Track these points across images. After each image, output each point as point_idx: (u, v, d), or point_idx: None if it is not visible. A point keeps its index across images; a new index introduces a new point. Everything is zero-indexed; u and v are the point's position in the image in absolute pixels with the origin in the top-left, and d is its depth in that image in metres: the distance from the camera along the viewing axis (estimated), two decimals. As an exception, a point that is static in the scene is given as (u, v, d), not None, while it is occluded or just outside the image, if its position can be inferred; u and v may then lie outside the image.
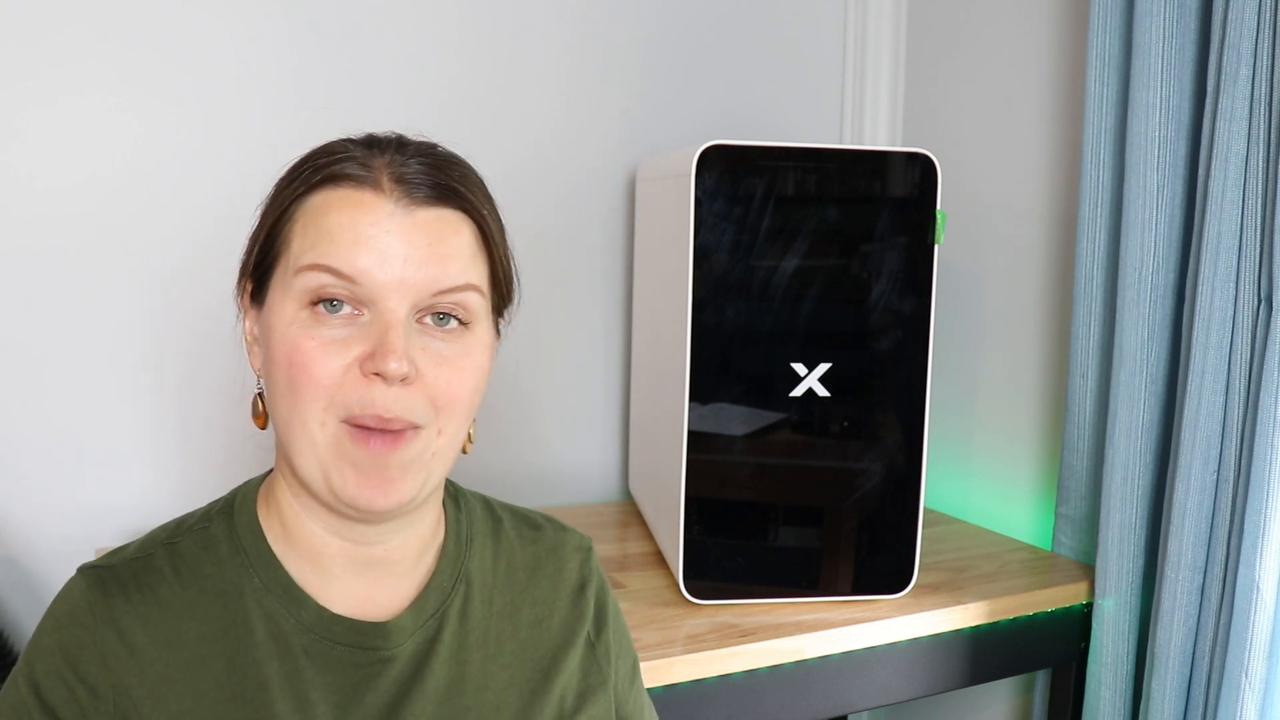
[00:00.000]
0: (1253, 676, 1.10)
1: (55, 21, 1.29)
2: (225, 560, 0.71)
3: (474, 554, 0.79)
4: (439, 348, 0.68)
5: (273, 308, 0.68)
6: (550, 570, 0.82)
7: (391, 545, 0.73)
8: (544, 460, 1.67)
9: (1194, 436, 1.17)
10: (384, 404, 0.65)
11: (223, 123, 1.38)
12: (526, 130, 1.59)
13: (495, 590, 0.79)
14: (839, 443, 1.25)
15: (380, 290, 0.65)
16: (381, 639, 0.71)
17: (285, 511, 0.73)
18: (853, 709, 1.26)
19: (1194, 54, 1.22)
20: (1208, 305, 1.15)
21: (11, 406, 1.32)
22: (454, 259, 0.68)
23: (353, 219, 0.66)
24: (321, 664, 0.70)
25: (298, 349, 0.65)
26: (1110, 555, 1.30)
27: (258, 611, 0.70)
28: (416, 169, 0.68)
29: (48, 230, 1.32)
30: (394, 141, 0.71)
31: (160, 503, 1.37)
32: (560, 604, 0.82)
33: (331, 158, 0.68)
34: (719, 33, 1.71)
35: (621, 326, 1.70)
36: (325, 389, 0.65)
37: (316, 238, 0.66)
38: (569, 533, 0.86)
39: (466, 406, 0.70)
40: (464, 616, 0.76)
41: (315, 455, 0.67)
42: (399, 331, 0.65)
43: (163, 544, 0.72)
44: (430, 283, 0.67)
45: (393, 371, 0.64)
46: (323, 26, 1.44)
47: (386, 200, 0.67)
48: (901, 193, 1.22)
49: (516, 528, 0.84)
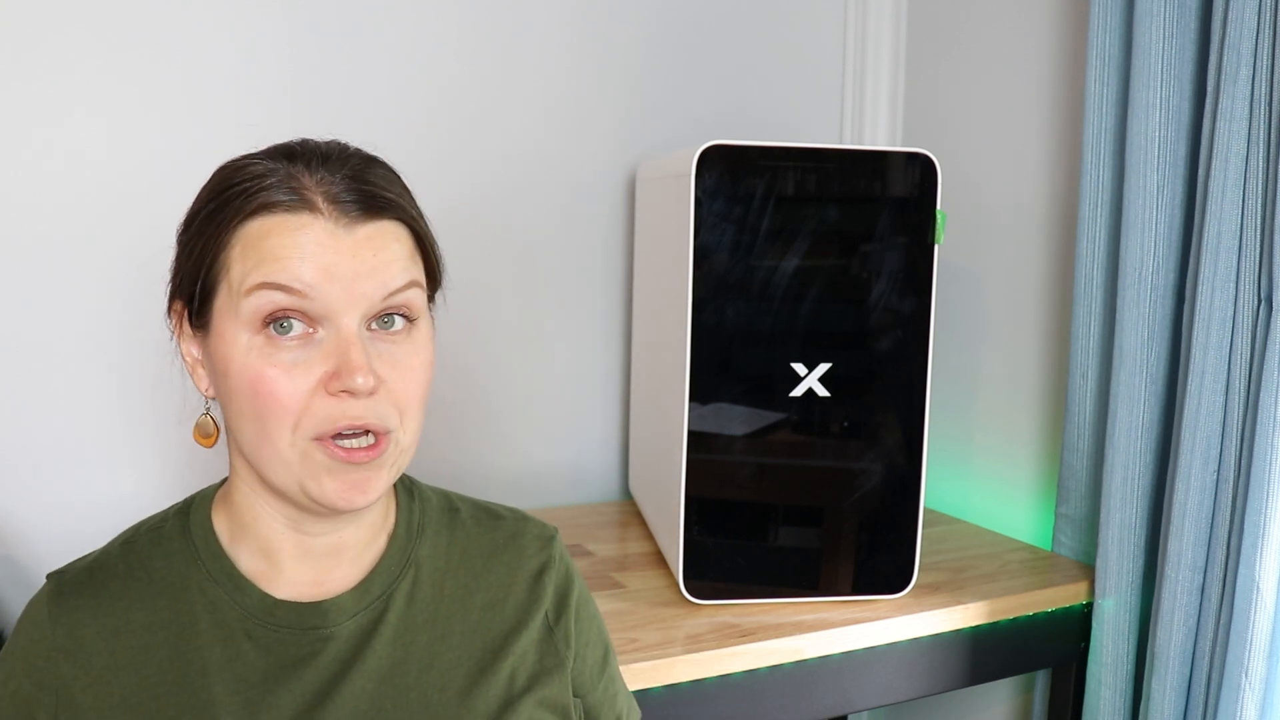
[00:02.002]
0: (1253, 676, 1.10)
1: (53, 22, 1.29)
2: (175, 554, 0.75)
3: (425, 541, 0.81)
4: (392, 352, 0.70)
5: (223, 335, 0.69)
6: (508, 556, 0.84)
7: (344, 535, 0.76)
8: (544, 460, 1.67)
9: (1194, 436, 1.17)
10: (355, 415, 0.68)
11: (214, 125, 1.38)
12: (526, 130, 1.59)
13: (447, 574, 0.81)
14: (839, 443, 1.25)
15: (332, 306, 0.68)
16: (319, 618, 0.74)
17: (243, 512, 0.76)
18: (853, 709, 1.26)
19: (1194, 54, 1.22)
20: (1208, 305, 1.15)
21: (11, 406, 1.32)
22: (396, 263, 0.70)
23: (296, 240, 0.67)
24: (263, 646, 0.73)
25: (261, 377, 0.67)
26: (1110, 555, 1.30)
27: (202, 601, 0.74)
28: (345, 185, 0.70)
29: (39, 227, 1.32)
30: (314, 154, 0.72)
31: (161, 501, 1.37)
32: (516, 587, 0.83)
33: (258, 182, 0.69)
34: (719, 33, 1.71)
35: (621, 327, 1.70)
36: (293, 412, 0.67)
37: (259, 260, 0.67)
38: (531, 522, 0.88)
39: (421, 404, 0.73)
40: (411, 599, 0.79)
41: (289, 471, 0.69)
42: (358, 347, 0.68)
43: (120, 544, 0.77)
44: (378, 291, 0.69)
45: (360, 387, 0.67)
46: (320, 26, 1.44)
47: (325, 220, 0.68)
48: (901, 193, 1.22)
49: (475, 516, 0.86)
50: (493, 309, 1.60)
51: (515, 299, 1.62)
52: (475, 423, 1.61)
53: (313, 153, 0.72)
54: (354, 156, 0.73)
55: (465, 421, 1.60)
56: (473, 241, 1.56)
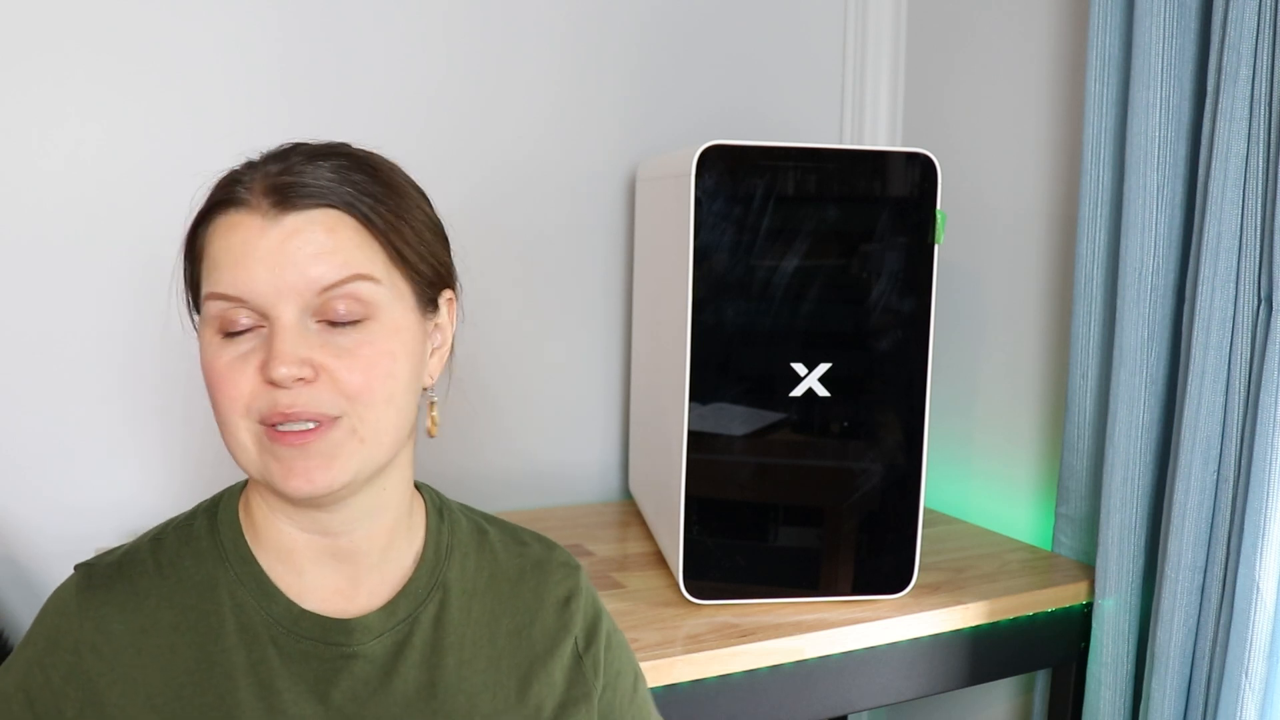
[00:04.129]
0: (1253, 676, 1.10)
1: (54, 22, 1.29)
2: (204, 554, 0.75)
3: (454, 563, 0.81)
4: (340, 341, 0.70)
5: (200, 337, 0.73)
6: (534, 582, 0.84)
7: (355, 537, 0.76)
8: (544, 460, 1.67)
9: (1194, 436, 1.17)
10: (288, 403, 0.68)
11: (211, 126, 1.38)
12: (526, 130, 1.59)
13: (475, 598, 0.80)
14: (839, 443, 1.25)
15: (265, 301, 0.68)
16: (345, 635, 0.74)
17: (256, 512, 0.76)
18: (853, 709, 1.26)
19: (1194, 54, 1.22)
20: (1208, 305, 1.15)
21: (12, 405, 1.32)
22: (332, 255, 0.69)
23: (229, 242, 0.69)
24: (288, 655, 0.73)
25: (212, 369, 0.70)
26: (1110, 555, 1.30)
27: (230, 603, 0.73)
28: (287, 177, 0.70)
29: (42, 226, 1.32)
30: (285, 151, 0.73)
31: (161, 500, 1.37)
32: (544, 613, 0.83)
33: (219, 183, 0.72)
34: (719, 32, 1.71)
35: (621, 327, 1.70)
36: (240, 401, 0.69)
37: (210, 267, 0.70)
38: (557, 549, 0.88)
39: (382, 392, 0.71)
40: (439, 622, 0.78)
41: (248, 456, 0.71)
42: (284, 338, 0.68)
43: (149, 539, 0.77)
44: (312, 283, 0.68)
45: (281, 377, 0.67)
46: (316, 29, 1.43)
47: (255, 215, 0.69)
48: (901, 193, 1.22)
49: (503, 540, 0.85)
50: (493, 308, 1.60)
51: (515, 298, 1.62)
52: (476, 422, 1.61)
53: (279, 152, 0.73)
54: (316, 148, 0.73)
55: (466, 421, 1.60)
56: (473, 241, 1.55)
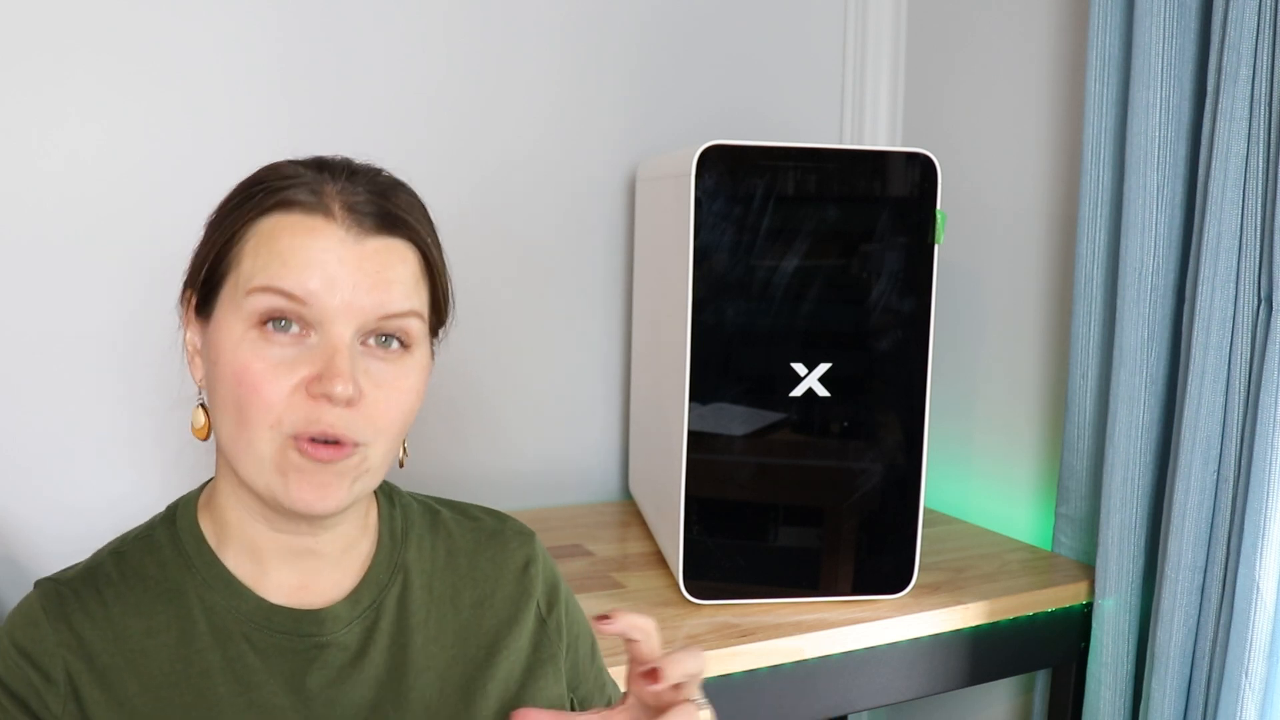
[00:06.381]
0: (1253, 676, 1.10)
1: (53, 23, 1.29)
2: (168, 562, 0.76)
3: (410, 545, 0.82)
4: (380, 370, 0.71)
5: (220, 324, 0.71)
6: (491, 552, 0.85)
7: (322, 540, 0.77)
8: (544, 460, 1.67)
9: (1194, 436, 1.17)
10: (329, 422, 0.68)
11: (211, 126, 1.38)
12: (525, 130, 1.59)
13: (435, 576, 0.82)
14: (839, 443, 1.25)
15: (328, 314, 0.69)
16: (316, 625, 0.75)
17: (228, 513, 0.76)
18: (853, 709, 1.26)
19: (1194, 54, 1.22)
20: (1208, 305, 1.15)
21: (11, 405, 1.32)
22: (399, 286, 0.71)
23: (305, 244, 0.69)
24: (262, 650, 0.74)
25: (246, 369, 0.68)
26: (1110, 555, 1.30)
27: (199, 605, 0.74)
28: (366, 197, 0.71)
29: (42, 226, 1.32)
30: (344, 168, 0.74)
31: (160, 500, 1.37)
32: (504, 581, 0.84)
33: (283, 181, 0.72)
34: (719, 32, 1.71)
35: (621, 327, 1.70)
36: (273, 408, 0.68)
37: (268, 260, 0.69)
38: (509, 520, 0.89)
39: (400, 428, 0.73)
40: (402, 604, 0.80)
41: (260, 466, 0.70)
42: (345, 356, 0.68)
43: (109, 553, 0.77)
44: (376, 308, 0.70)
45: (339, 394, 0.67)
46: (315, 31, 1.43)
47: (338, 228, 0.70)
48: (901, 193, 1.22)
49: (455, 517, 0.87)
50: (493, 308, 1.60)
51: (515, 299, 1.62)
52: (475, 422, 1.61)
53: (343, 166, 0.74)
54: (382, 176, 0.75)
55: (466, 421, 1.60)
56: (473, 242, 1.56)
